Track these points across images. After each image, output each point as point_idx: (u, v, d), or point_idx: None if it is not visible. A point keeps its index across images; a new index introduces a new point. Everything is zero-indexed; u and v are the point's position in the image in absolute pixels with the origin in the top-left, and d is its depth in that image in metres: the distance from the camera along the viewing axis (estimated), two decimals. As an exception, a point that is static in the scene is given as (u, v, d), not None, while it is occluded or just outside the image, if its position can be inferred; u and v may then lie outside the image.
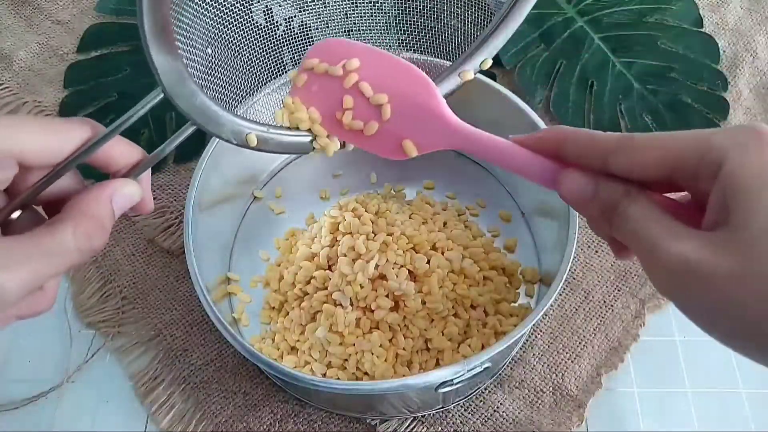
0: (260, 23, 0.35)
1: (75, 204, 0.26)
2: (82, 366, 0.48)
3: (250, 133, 0.32)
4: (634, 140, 0.23)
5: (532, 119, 0.46)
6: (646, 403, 0.46)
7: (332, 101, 0.34)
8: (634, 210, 0.23)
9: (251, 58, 0.36)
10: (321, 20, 0.38)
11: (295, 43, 0.38)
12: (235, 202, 0.52)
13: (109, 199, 0.27)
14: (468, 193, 0.53)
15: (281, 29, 0.37)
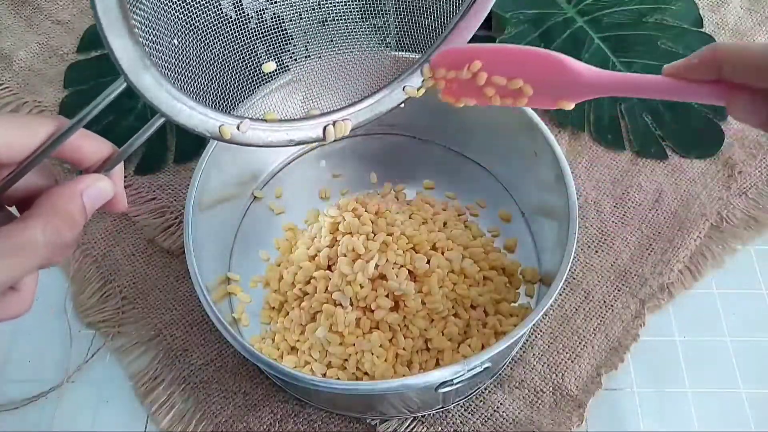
0: (231, 16, 0.35)
1: (45, 199, 0.26)
2: (82, 366, 0.48)
3: (223, 125, 0.31)
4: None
5: (532, 119, 0.46)
6: (646, 403, 0.46)
7: (478, 92, 0.36)
8: None
9: (223, 52, 0.35)
10: (294, 11, 0.37)
11: (269, 36, 0.37)
12: (235, 202, 0.52)
13: (80, 194, 0.26)
14: (468, 193, 0.53)
15: (253, 22, 0.36)
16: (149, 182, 0.55)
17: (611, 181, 0.55)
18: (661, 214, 0.53)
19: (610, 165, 0.56)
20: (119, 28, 0.26)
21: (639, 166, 0.55)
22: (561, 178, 0.43)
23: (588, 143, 0.57)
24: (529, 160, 0.48)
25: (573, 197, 0.42)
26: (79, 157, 0.28)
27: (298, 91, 0.39)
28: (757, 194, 0.54)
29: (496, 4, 0.65)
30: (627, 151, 0.56)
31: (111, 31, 0.26)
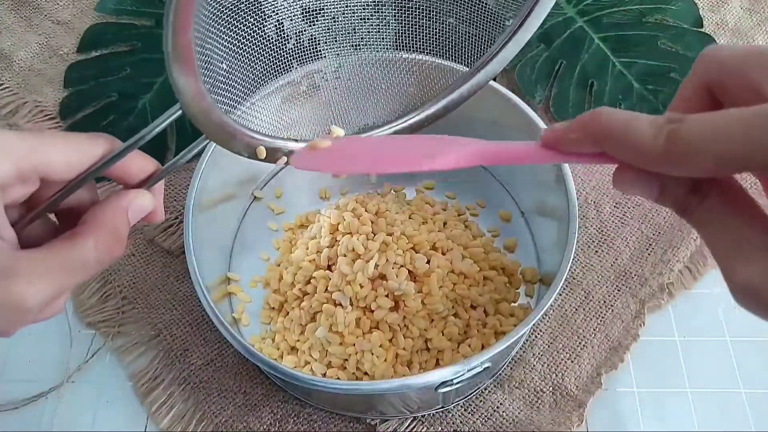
0: (272, 37, 0.37)
1: (93, 216, 0.27)
2: (82, 366, 0.48)
3: (260, 146, 0.33)
4: (678, 149, 0.19)
5: (532, 119, 0.46)
6: (646, 403, 0.46)
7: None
8: (702, 213, 0.21)
9: (263, 70, 0.37)
10: (329, 35, 0.39)
11: (304, 55, 0.39)
12: (235, 202, 0.52)
13: (125, 211, 0.28)
14: (468, 193, 0.53)
15: (291, 42, 0.38)
16: (149, 182, 0.55)
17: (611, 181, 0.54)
18: (660, 214, 0.53)
19: (610, 165, 0.55)
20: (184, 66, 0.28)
21: (639, 166, 0.55)
22: (561, 178, 0.43)
23: (588, 143, 0.57)
24: (529, 160, 0.48)
25: (573, 197, 0.42)
26: (125, 175, 0.29)
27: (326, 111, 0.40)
28: (757, 194, 0.54)
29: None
30: (627, 151, 0.56)
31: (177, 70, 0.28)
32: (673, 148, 0.19)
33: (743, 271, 0.19)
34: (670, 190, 0.21)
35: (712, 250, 0.20)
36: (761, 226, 0.19)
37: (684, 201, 0.21)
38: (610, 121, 0.21)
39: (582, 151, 0.23)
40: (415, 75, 0.40)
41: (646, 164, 0.20)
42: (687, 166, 0.19)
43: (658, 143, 0.19)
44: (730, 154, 0.18)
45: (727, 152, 0.18)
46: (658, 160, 0.19)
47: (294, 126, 0.39)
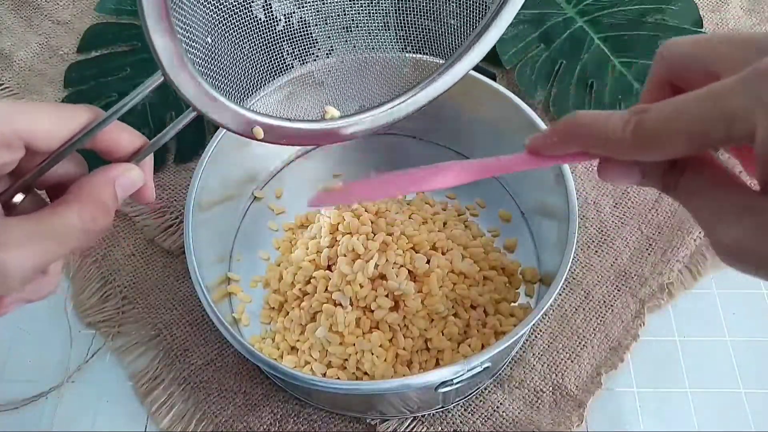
0: (260, 18, 0.36)
1: (80, 187, 0.26)
2: (82, 366, 0.48)
3: (255, 125, 0.32)
4: (644, 136, 0.21)
5: (532, 119, 0.46)
6: (646, 403, 0.46)
7: None
8: (682, 187, 0.22)
9: (252, 51, 0.37)
10: (320, 17, 0.38)
11: (295, 38, 0.39)
12: (235, 202, 0.52)
13: (113, 183, 0.27)
14: (468, 193, 0.53)
15: (281, 25, 0.37)
16: (149, 182, 0.55)
17: (611, 180, 0.55)
18: (660, 214, 0.53)
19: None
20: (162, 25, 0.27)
21: (639, 166, 0.55)
22: (561, 178, 0.43)
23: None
24: (529, 160, 0.48)
25: (573, 197, 0.42)
26: (112, 148, 0.29)
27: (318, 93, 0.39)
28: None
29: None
30: (627, 151, 0.56)
31: (154, 29, 0.27)
32: (640, 136, 0.21)
33: (726, 232, 0.20)
34: (650, 173, 0.23)
35: (697, 217, 0.22)
36: (737, 192, 0.21)
37: (665, 180, 0.23)
38: (584, 123, 0.23)
39: (563, 152, 0.25)
40: (410, 56, 0.40)
41: (621, 155, 0.22)
42: (657, 151, 0.21)
43: (627, 135, 0.21)
44: (691, 132, 0.20)
45: (687, 131, 0.20)
46: (630, 149, 0.21)
47: (287, 106, 0.38)
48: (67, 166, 0.28)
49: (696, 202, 0.22)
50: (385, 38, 0.40)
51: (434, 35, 0.39)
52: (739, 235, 0.20)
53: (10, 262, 0.23)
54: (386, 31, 0.39)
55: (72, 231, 0.25)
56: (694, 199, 0.22)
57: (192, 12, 0.30)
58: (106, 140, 0.28)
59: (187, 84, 0.29)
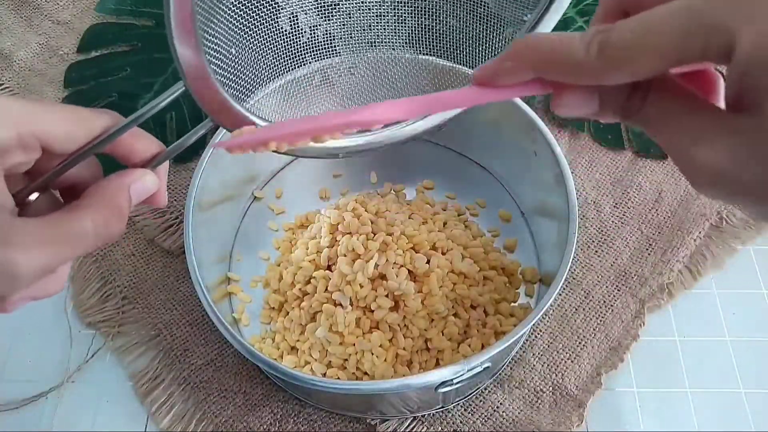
0: (285, 29, 0.36)
1: (95, 191, 0.27)
2: (82, 366, 0.48)
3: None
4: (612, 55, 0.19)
5: (532, 119, 0.46)
6: (646, 403, 0.46)
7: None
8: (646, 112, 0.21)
9: (275, 62, 0.36)
10: (345, 30, 0.38)
11: (319, 50, 0.39)
12: (235, 202, 0.52)
13: (128, 188, 0.27)
14: (468, 193, 0.53)
15: (306, 36, 0.37)
16: (149, 182, 0.55)
17: (611, 181, 0.55)
18: (661, 214, 0.53)
19: (609, 165, 0.56)
20: (186, 37, 0.27)
21: (639, 166, 0.55)
22: (561, 178, 0.43)
23: (588, 143, 0.57)
24: (529, 160, 0.48)
25: (573, 197, 0.42)
26: (128, 154, 0.29)
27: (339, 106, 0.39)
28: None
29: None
30: (627, 151, 0.56)
31: (180, 40, 0.27)
32: (607, 54, 0.19)
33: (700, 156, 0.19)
34: (609, 100, 0.21)
35: (665, 143, 0.20)
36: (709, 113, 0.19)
37: (626, 105, 0.21)
38: (542, 44, 0.21)
39: (517, 80, 0.22)
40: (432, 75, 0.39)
41: (584, 79, 0.20)
42: (625, 69, 0.19)
43: (591, 54, 0.19)
44: (664, 47, 0.18)
45: (660, 46, 0.18)
46: (594, 71, 0.20)
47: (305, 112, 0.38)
48: (82, 169, 0.28)
49: (663, 126, 0.20)
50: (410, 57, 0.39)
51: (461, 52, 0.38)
52: (716, 159, 0.18)
53: (22, 263, 0.23)
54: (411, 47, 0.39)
55: (85, 235, 0.25)
56: (660, 123, 0.20)
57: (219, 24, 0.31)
58: (124, 146, 0.28)
59: (209, 96, 0.29)
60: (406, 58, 0.38)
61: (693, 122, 0.19)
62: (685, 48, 0.18)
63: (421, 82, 0.39)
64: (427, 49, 0.39)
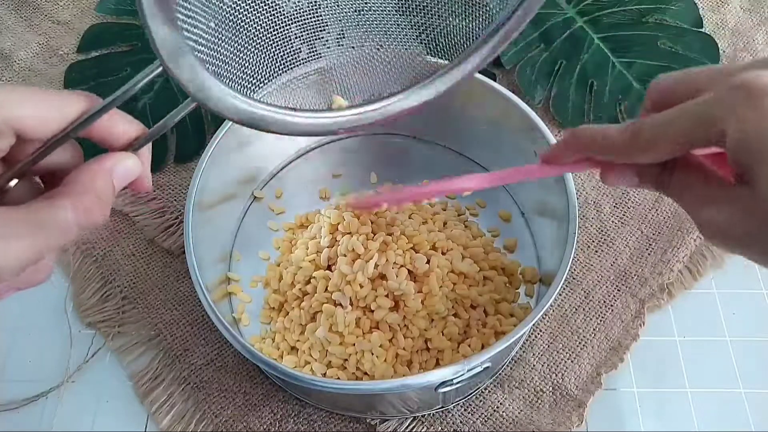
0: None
1: (74, 178, 0.25)
2: (82, 366, 0.48)
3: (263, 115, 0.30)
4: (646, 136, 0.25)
5: (532, 119, 0.46)
6: (646, 403, 0.46)
7: None
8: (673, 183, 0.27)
9: (258, 34, 0.34)
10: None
11: (304, 20, 0.36)
12: (235, 202, 0.52)
13: (110, 173, 0.26)
14: (468, 193, 0.53)
15: (289, 6, 0.36)
16: (149, 182, 0.55)
17: (611, 181, 0.55)
18: (661, 214, 0.53)
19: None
20: (162, 13, 0.25)
21: (639, 166, 0.55)
22: (561, 178, 0.43)
23: (588, 143, 0.57)
24: (529, 160, 0.48)
25: (573, 197, 0.42)
26: (108, 137, 0.28)
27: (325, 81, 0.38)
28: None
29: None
30: (627, 151, 0.56)
31: (152, 15, 0.25)
32: (636, 140, 0.25)
33: (707, 217, 0.25)
34: (646, 175, 0.27)
35: (685, 207, 0.26)
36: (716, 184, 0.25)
37: (659, 180, 0.27)
38: (587, 134, 0.27)
39: (571, 159, 0.29)
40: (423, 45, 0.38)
41: (619, 157, 0.27)
42: (650, 152, 0.25)
43: (625, 138, 0.26)
44: (678, 135, 0.24)
45: (675, 134, 0.24)
46: (628, 151, 0.26)
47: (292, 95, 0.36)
48: (62, 154, 0.27)
49: (684, 194, 0.26)
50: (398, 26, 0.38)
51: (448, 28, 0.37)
52: (718, 219, 0.24)
53: (2, 255, 0.22)
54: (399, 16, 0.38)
55: (66, 224, 0.24)
56: (683, 192, 0.26)
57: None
58: (102, 129, 0.27)
59: (187, 73, 0.28)
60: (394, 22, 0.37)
61: (705, 191, 0.25)
62: (693, 137, 0.23)
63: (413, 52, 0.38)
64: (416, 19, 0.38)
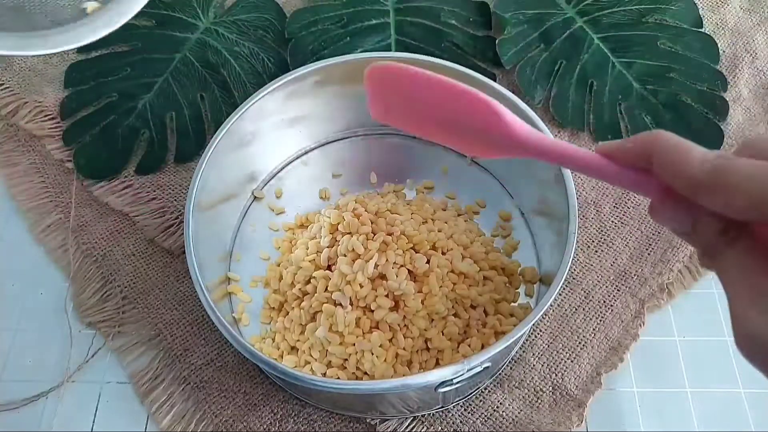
0: None
1: None
2: (82, 366, 0.48)
3: None
4: (728, 178, 0.20)
5: (532, 119, 0.46)
6: (646, 403, 0.46)
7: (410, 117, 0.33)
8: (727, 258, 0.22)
9: None
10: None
11: None
12: (235, 202, 0.52)
13: None
14: (468, 193, 0.53)
15: None
16: (149, 182, 0.55)
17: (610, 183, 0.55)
18: (660, 214, 0.53)
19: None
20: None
21: (639, 166, 0.55)
22: (561, 178, 0.43)
23: (588, 143, 0.57)
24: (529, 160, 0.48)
25: (573, 197, 0.42)
26: None
27: None
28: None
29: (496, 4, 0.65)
30: (627, 151, 0.56)
31: None
32: (715, 177, 0.20)
33: (757, 321, 0.19)
34: (701, 227, 0.22)
35: (730, 295, 0.21)
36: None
37: (712, 242, 0.22)
38: (667, 140, 0.23)
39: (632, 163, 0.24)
40: None
41: (686, 187, 0.22)
42: (722, 199, 0.20)
43: (703, 169, 0.21)
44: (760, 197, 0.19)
45: (757, 194, 0.19)
46: (698, 185, 0.21)
47: None
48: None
49: (735, 276, 0.21)
50: None
51: None
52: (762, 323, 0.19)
53: None
54: None
55: None
56: (735, 273, 0.21)
57: None
58: None
59: None
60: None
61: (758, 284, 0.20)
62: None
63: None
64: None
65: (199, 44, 0.62)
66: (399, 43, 0.61)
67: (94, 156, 0.56)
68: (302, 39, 0.61)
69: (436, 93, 0.31)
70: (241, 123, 0.48)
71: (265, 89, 0.48)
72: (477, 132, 0.30)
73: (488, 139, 0.30)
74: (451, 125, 0.31)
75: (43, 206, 0.56)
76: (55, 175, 0.57)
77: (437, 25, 0.62)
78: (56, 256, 0.53)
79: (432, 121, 0.32)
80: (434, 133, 0.33)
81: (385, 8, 0.63)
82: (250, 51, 0.62)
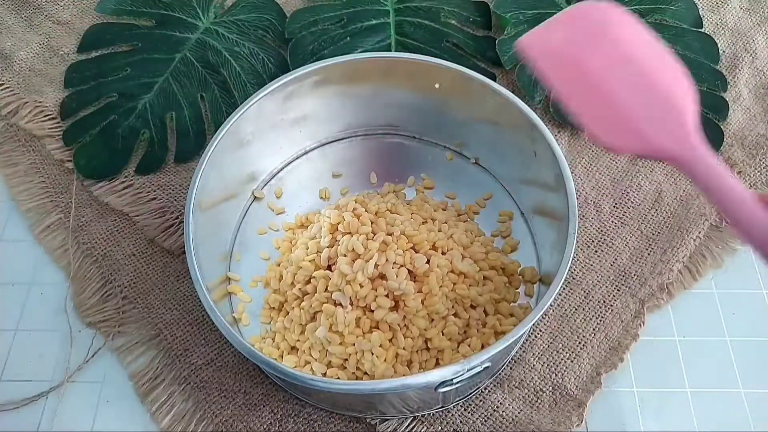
0: None
1: None
2: (82, 366, 0.48)
3: None
4: None
5: (532, 119, 0.46)
6: (646, 403, 0.46)
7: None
8: None
9: None
10: None
11: None
12: (235, 202, 0.52)
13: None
14: (468, 193, 0.53)
15: None
16: (149, 182, 0.55)
17: (611, 181, 0.55)
18: (660, 214, 0.53)
19: (609, 165, 0.56)
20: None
21: (638, 166, 0.55)
22: (561, 178, 0.43)
23: (588, 143, 0.57)
24: (529, 160, 0.48)
25: (573, 197, 0.42)
26: None
27: None
28: (756, 194, 0.54)
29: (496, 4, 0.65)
30: (627, 151, 0.56)
31: None
32: None
33: None
34: None
35: None
36: None
37: None
38: None
39: None
40: None
41: None
42: None
43: None
44: None
45: None
46: None
47: None
48: None
49: None
50: None
51: None
52: None
53: None
54: None
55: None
56: None
57: None
58: None
59: None
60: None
61: None
62: None
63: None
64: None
65: (199, 44, 0.62)
66: (399, 43, 0.61)
67: (94, 156, 0.56)
68: (302, 39, 0.61)
69: (641, 55, 0.27)
70: (241, 123, 0.48)
71: (265, 89, 0.48)
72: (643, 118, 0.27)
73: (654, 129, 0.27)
74: (616, 98, 0.28)
75: (43, 206, 0.56)
76: (55, 175, 0.57)
77: (437, 25, 0.62)
78: (56, 256, 0.53)
79: (595, 90, 0.28)
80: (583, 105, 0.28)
81: (385, 8, 0.63)
82: (250, 51, 0.62)
